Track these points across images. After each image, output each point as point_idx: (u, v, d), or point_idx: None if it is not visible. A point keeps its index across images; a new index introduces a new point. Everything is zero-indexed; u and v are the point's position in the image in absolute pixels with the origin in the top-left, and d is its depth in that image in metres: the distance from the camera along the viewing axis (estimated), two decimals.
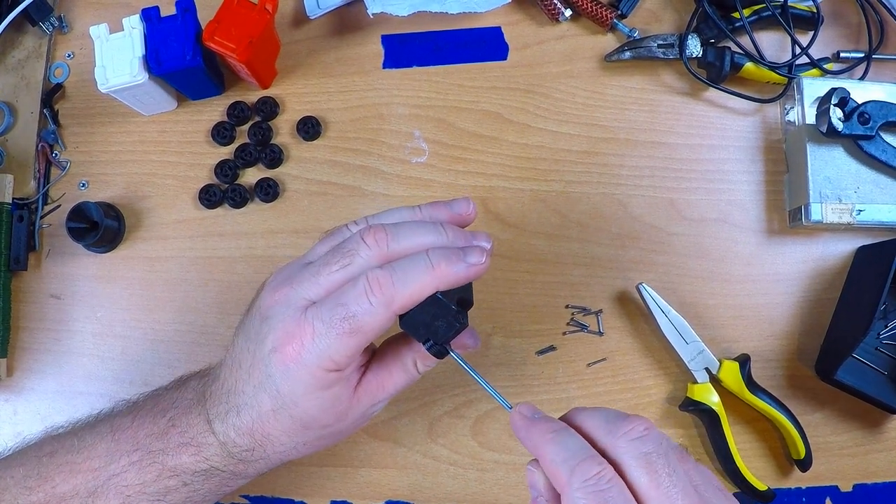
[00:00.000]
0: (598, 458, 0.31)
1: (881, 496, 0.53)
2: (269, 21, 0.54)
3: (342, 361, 0.36)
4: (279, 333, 0.37)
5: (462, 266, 0.36)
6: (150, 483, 0.40)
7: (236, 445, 0.39)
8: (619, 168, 0.58)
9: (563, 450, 0.32)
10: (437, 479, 0.53)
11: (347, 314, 0.35)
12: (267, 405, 0.38)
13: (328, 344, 0.35)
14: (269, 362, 0.37)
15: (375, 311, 0.35)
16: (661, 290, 0.53)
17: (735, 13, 0.56)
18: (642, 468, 0.31)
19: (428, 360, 0.40)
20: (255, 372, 0.38)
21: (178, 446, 0.40)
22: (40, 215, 0.59)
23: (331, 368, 0.36)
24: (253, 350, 0.38)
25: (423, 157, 0.58)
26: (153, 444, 0.40)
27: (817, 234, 0.56)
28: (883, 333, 0.53)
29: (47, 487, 0.40)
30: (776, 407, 0.51)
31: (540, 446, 0.33)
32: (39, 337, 0.57)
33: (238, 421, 0.39)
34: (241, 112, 0.59)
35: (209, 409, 0.40)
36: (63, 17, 0.62)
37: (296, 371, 0.36)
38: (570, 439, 0.33)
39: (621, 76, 0.59)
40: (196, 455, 0.40)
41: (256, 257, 0.57)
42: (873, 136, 0.52)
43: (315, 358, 0.36)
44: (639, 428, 0.32)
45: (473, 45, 0.60)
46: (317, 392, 0.37)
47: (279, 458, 0.41)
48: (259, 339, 0.38)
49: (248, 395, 0.38)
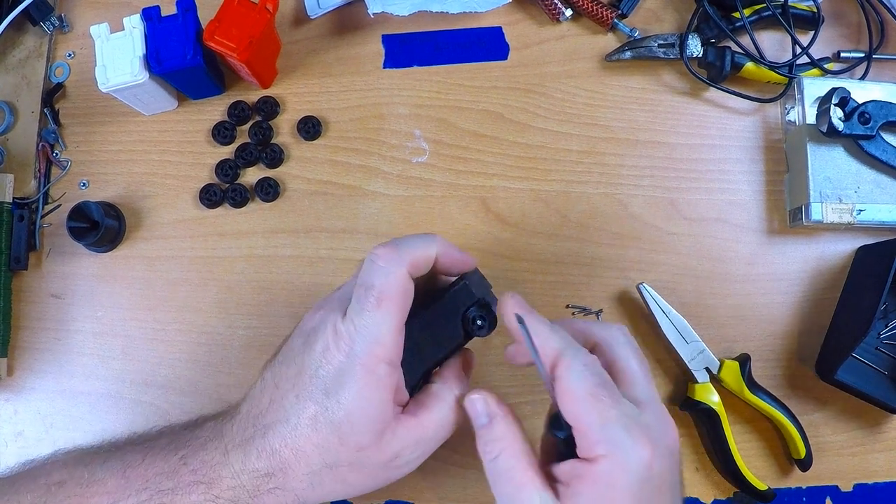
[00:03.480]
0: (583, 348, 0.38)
1: (881, 496, 0.53)
2: (269, 21, 0.54)
3: (388, 342, 0.37)
4: (328, 335, 0.38)
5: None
6: None
7: (254, 471, 0.38)
8: (620, 168, 0.58)
9: (556, 336, 0.37)
10: (437, 479, 0.53)
11: (369, 288, 0.37)
12: (309, 411, 0.37)
13: (368, 325, 0.37)
14: (321, 365, 0.37)
15: (389, 271, 0.37)
16: (662, 290, 0.53)
17: (735, 13, 0.57)
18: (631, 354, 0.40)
19: (459, 380, 0.41)
20: (303, 379, 0.38)
21: (188, 485, 0.39)
22: (41, 215, 0.59)
23: (381, 356, 0.37)
24: (300, 362, 0.38)
25: (424, 157, 0.58)
26: (163, 484, 0.39)
27: (818, 233, 0.56)
28: (883, 333, 0.53)
29: None
30: (776, 406, 0.51)
31: (539, 328, 0.37)
32: (40, 336, 0.57)
33: (262, 442, 0.38)
34: (241, 112, 0.59)
35: (227, 440, 0.39)
36: (64, 17, 0.62)
37: (349, 365, 0.37)
38: (559, 330, 0.38)
39: (622, 76, 0.59)
40: (206, 493, 0.38)
41: (256, 257, 0.57)
42: (874, 135, 0.52)
43: (363, 346, 0.37)
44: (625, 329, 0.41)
45: (474, 44, 0.60)
46: (366, 391, 0.37)
47: (293, 492, 0.39)
48: (307, 348, 0.38)
49: (285, 409, 0.38)
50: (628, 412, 0.35)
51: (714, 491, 0.53)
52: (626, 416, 0.34)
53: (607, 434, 0.34)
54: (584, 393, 0.35)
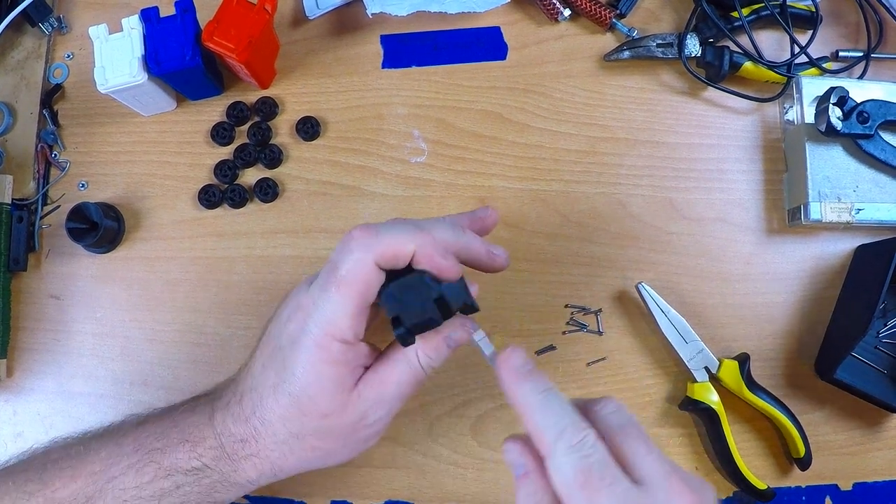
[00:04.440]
0: (583, 423, 0.33)
1: (881, 495, 0.53)
2: (268, 21, 0.54)
3: (342, 324, 0.37)
4: (292, 306, 0.39)
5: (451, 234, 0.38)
6: (146, 485, 0.40)
7: (231, 436, 0.39)
8: (619, 167, 0.58)
9: (548, 412, 0.33)
10: (437, 478, 0.53)
11: (334, 268, 0.37)
12: (270, 381, 0.38)
13: (324, 305, 0.37)
14: (282, 333, 0.38)
15: (357, 259, 0.36)
16: (661, 290, 0.53)
17: (734, 12, 0.57)
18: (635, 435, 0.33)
19: (430, 351, 0.39)
20: (267, 349, 0.39)
21: (176, 443, 0.40)
22: (40, 216, 0.59)
23: (335, 335, 0.37)
24: (269, 330, 0.40)
25: (423, 157, 0.58)
26: (153, 444, 0.40)
27: (816, 232, 0.56)
28: (882, 332, 0.53)
29: (47, 492, 0.40)
30: (776, 406, 0.51)
31: (525, 407, 0.34)
32: (39, 337, 0.57)
33: (238, 408, 0.39)
34: (240, 112, 0.59)
35: (215, 403, 0.41)
36: (62, 18, 0.62)
37: (302, 340, 0.37)
38: (556, 402, 0.34)
39: (620, 76, 0.59)
40: (191, 451, 0.40)
41: (256, 257, 0.57)
42: (872, 134, 0.52)
43: (317, 323, 0.37)
44: (614, 402, 0.35)
45: (473, 44, 0.60)
46: (320, 365, 0.37)
47: (269, 460, 0.40)
48: (275, 318, 0.40)
49: (254, 376, 0.39)
50: (622, 496, 0.31)
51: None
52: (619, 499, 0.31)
53: None
54: (571, 477, 0.31)
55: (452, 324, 0.39)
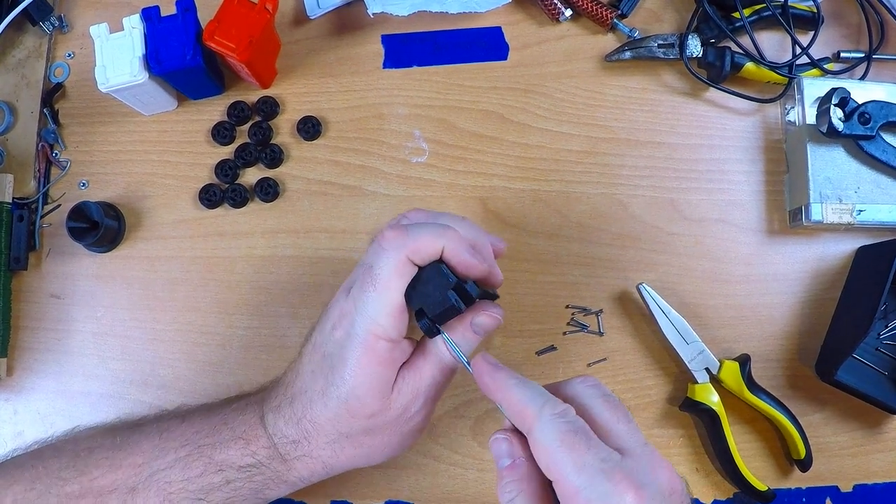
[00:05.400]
0: (558, 399, 0.35)
1: (881, 496, 0.53)
2: (269, 21, 0.54)
3: (384, 322, 0.38)
4: (335, 314, 0.40)
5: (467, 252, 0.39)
6: (194, 479, 0.40)
7: (283, 437, 0.40)
8: (620, 168, 0.58)
9: (527, 390, 0.35)
10: (437, 479, 0.53)
11: (369, 269, 0.38)
12: (319, 385, 0.39)
13: (366, 306, 0.38)
14: (328, 341, 0.39)
15: (391, 257, 0.37)
16: (662, 291, 0.53)
17: (735, 13, 0.56)
18: (604, 405, 0.35)
19: (458, 339, 0.40)
20: (316, 355, 0.40)
21: (227, 440, 0.41)
22: (40, 215, 0.59)
23: (380, 335, 0.38)
24: (314, 338, 0.41)
25: (424, 157, 0.58)
26: (203, 440, 0.41)
27: (817, 234, 0.56)
28: (883, 333, 0.53)
29: (84, 480, 0.41)
30: (776, 407, 0.51)
31: (504, 392, 0.35)
32: (39, 336, 0.57)
33: (290, 410, 0.40)
34: (241, 112, 0.59)
35: (265, 405, 0.42)
36: (63, 17, 0.62)
37: (349, 344, 0.38)
38: (531, 385, 0.36)
39: (621, 76, 0.59)
40: (244, 448, 0.41)
41: (256, 257, 0.57)
42: (874, 136, 0.52)
43: (362, 325, 0.38)
44: (591, 379, 0.37)
45: (474, 44, 0.60)
46: (368, 367, 0.38)
47: (320, 459, 0.41)
48: (319, 327, 0.41)
49: (304, 380, 0.40)
50: (606, 457, 0.32)
51: (714, 491, 0.53)
52: (603, 462, 0.32)
53: (584, 480, 0.32)
54: (556, 442, 0.33)
55: (475, 310, 0.41)
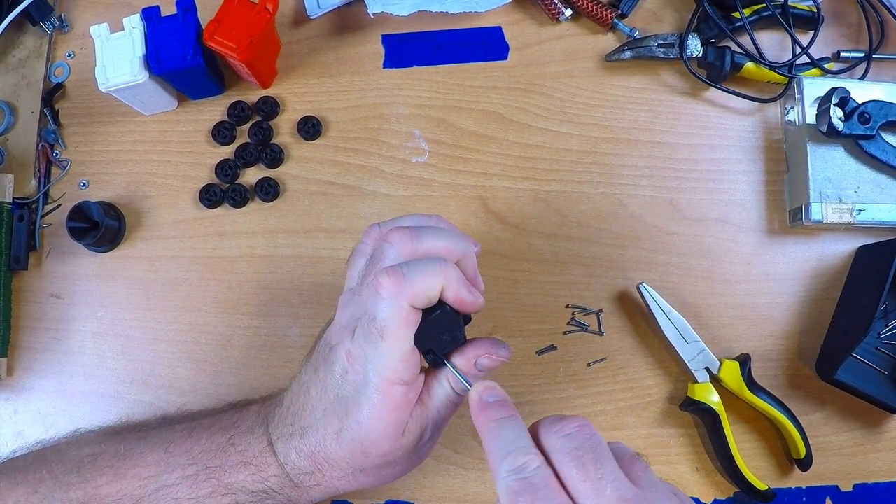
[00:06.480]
0: (528, 449, 0.32)
1: (881, 496, 0.53)
2: (269, 21, 0.54)
3: (398, 368, 0.37)
4: (344, 359, 0.38)
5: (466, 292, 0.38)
6: (203, 499, 0.40)
7: (296, 468, 0.40)
8: (620, 168, 0.58)
9: (498, 439, 0.33)
10: (437, 479, 0.53)
11: (372, 319, 0.36)
12: (333, 426, 0.38)
13: (377, 356, 0.37)
14: (342, 385, 0.38)
15: (391, 305, 0.36)
16: (662, 290, 0.53)
17: (735, 13, 0.56)
18: (571, 462, 0.31)
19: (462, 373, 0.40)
20: (328, 395, 0.39)
21: (236, 465, 0.40)
22: (41, 215, 0.59)
23: (394, 380, 0.37)
24: (324, 377, 0.39)
25: (424, 157, 0.58)
26: (211, 461, 0.41)
27: (817, 233, 0.56)
28: (883, 333, 0.53)
29: (88, 487, 0.41)
30: (776, 406, 0.51)
31: (481, 434, 0.34)
32: (40, 336, 0.57)
33: (301, 443, 0.39)
34: (241, 112, 0.59)
35: (272, 430, 0.41)
36: (63, 17, 0.62)
37: (365, 390, 0.37)
38: (508, 430, 0.33)
39: (621, 76, 0.59)
40: (255, 475, 0.40)
41: (256, 257, 0.57)
42: (874, 135, 0.52)
43: (375, 372, 0.37)
44: (570, 426, 0.33)
45: (474, 44, 0.60)
46: (383, 412, 0.37)
47: (334, 487, 0.41)
48: (328, 366, 0.39)
49: (315, 418, 0.39)
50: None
51: (714, 491, 0.53)
52: None
53: None
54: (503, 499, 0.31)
55: (480, 348, 0.40)
